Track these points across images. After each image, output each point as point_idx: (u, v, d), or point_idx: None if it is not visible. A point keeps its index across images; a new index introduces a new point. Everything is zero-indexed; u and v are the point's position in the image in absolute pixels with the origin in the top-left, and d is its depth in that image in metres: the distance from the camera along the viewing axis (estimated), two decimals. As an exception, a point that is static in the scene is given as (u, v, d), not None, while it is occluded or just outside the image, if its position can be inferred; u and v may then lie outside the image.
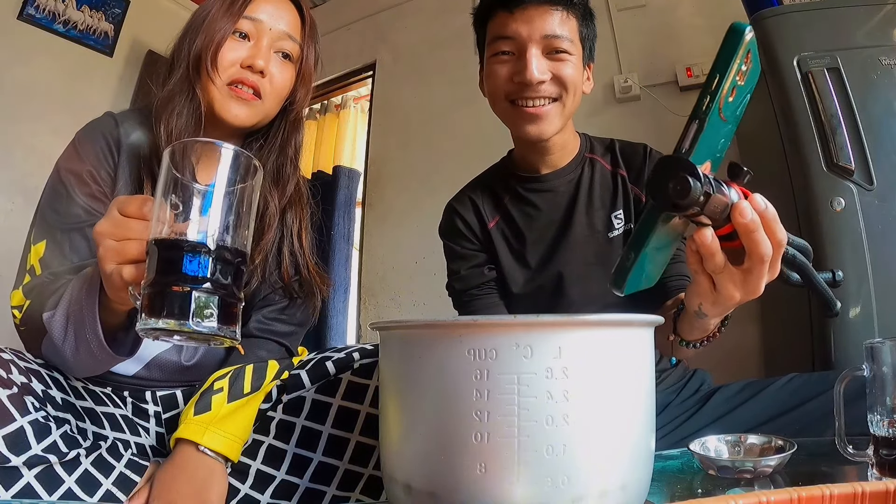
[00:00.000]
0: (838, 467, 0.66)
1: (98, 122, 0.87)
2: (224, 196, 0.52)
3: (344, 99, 3.04)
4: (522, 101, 0.91)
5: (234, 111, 0.83)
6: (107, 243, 0.56)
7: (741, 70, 0.47)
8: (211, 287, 0.50)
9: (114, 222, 0.57)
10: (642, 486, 0.51)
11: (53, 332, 0.67)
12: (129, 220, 0.56)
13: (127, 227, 0.56)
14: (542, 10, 0.88)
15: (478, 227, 1.06)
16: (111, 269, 0.55)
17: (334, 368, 0.76)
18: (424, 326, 0.50)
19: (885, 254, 1.25)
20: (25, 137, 2.09)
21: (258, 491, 0.72)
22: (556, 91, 0.91)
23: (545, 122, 0.91)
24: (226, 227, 0.51)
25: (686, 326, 0.71)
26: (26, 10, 2.23)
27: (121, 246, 0.55)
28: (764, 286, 0.58)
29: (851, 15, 1.40)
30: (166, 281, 0.49)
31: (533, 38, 0.89)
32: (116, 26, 2.49)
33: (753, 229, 0.52)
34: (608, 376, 0.48)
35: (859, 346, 0.64)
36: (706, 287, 0.59)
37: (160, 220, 0.51)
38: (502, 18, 0.92)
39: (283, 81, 0.87)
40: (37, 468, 0.64)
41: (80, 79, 2.36)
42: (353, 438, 0.73)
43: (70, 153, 0.84)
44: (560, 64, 0.90)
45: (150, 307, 0.50)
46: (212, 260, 0.50)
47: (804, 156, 1.32)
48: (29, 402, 0.65)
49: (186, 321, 0.49)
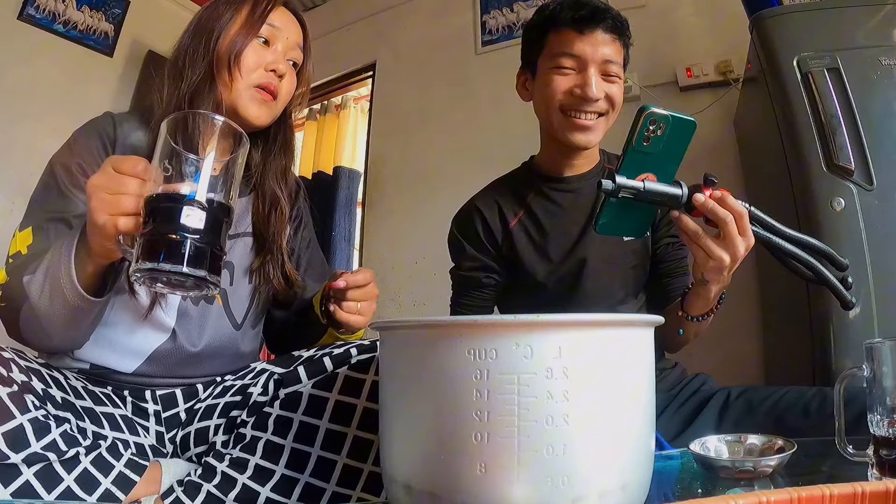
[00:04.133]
0: (838, 467, 0.66)
1: (96, 120, 0.87)
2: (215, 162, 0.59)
3: (344, 99, 3.04)
4: (576, 114, 1.02)
5: (255, 112, 0.87)
6: (100, 195, 0.59)
7: (649, 129, 0.70)
8: (203, 238, 0.57)
9: (108, 177, 0.60)
10: (642, 486, 0.51)
11: (31, 290, 0.70)
12: (123, 176, 0.59)
13: (121, 183, 0.59)
14: (606, 36, 1.01)
15: (499, 229, 1.12)
16: (104, 219, 0.59)
17: (332, 364, 0.76)
18: (424, 326, 0.50)
19: (885, 254, 1.24)
20: (25, 137, 2.10)
21: (258, 483, 0.72)
22: (606, 107, 1.03)
23: (593, 133, 1.03)
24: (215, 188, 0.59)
25: (693, 301, 0.89)
26: (26, 11, 2.24)
27: (115, 198, 0.59)
28: (743, 248, 0.76)
29: (851, 15, 1.40)
30: (164, 230, 0.56)
31: (595, 60, 1.00)
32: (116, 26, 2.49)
33: (710, 207, 0.75)
34: (608, 376, 0.48)
35: (859, 347, 0.64)
36: (702, 255, 0.78)
37: (155, 181, 0.57)
38: (570, 36, 1.01)
39: (292, 86, 0.93)
40: (36, 466, 0.64)
41: (80, 79, 2.36)
42: (351, 433, 0.73)
43: (64, 148, 0.85)
44: (612, 85, 1.02)
45: (148, 252, 0.56)
46: (205, 214, 0.57)
47: (804, 156, 1.32)
48: (29, 400, 0.65)
49: (181, 265, 0.55)
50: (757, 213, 0.79)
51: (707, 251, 0.77)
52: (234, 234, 0.93)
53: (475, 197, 1.17)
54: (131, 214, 0.59)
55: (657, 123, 0.70)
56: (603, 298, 1.08)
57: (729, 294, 0.93)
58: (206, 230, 0.57)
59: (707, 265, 0.78)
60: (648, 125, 0.70)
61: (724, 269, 0.78)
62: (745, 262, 0.80)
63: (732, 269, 0.79)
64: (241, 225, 0.94)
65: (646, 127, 0.70)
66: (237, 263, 0.93)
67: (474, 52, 2.48)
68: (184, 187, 0.57)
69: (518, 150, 1.21)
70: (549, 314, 0.46)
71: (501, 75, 1.21)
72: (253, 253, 0.95)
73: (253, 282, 0.94)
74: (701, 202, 0.74)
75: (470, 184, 1.22)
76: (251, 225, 0.95)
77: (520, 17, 2.40)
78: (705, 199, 0.74)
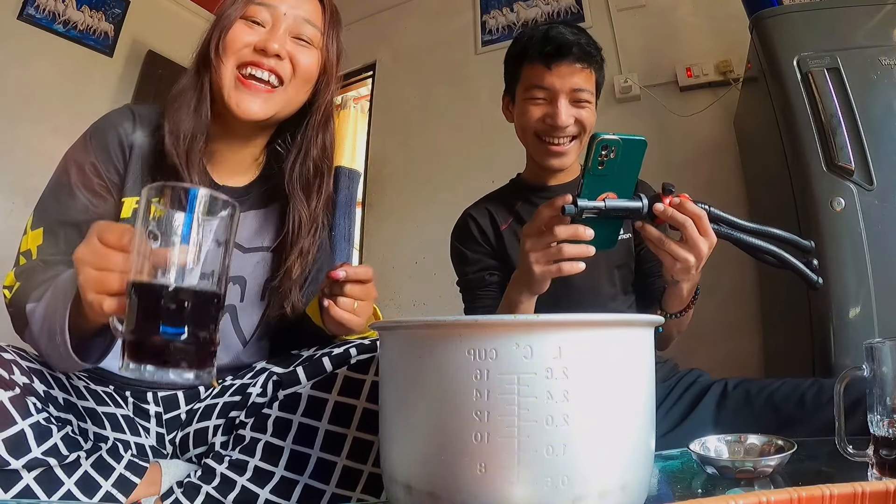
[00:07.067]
0: (838, 467, 0.66)
1: (114, 115, 0.83)
2: (199, 240, 0.52)
3: (344, 99, 3.04)
4: (549, 139, 1.10)
5: (243, 105, 0.79)
6: (87, 272, 0.56)
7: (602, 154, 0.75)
8: (188, 339, 0.52)
9: (93, 251, 0.56)
10: (642, 486, 0.51)
11: (33, 324, 0.68)
12: (109, 250, 0.56)
13: (107, 259, 0.56)
14: (573, 68, 1.07)
15: (491, 232, 1.17)
16: (91, 297, 0.56)
17: (331, 364, 0.75)
18: (424, 326, 0.50)
19: (885, 254, 1.24)
20: (25, 137, 2.09)
21: (257, 486, 0.72)
22: (577, 130, 1.10)
23: (566, 156, 1.11)
24: (202, 273, 0.53)
25: (668, 300, 0.95)
26: (26, 11, 2.23)
27: (101, 277, 0.56)
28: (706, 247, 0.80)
29: (851, 15, 1.40)
30: (147, 329, 0.52)
31: (563, 91, 1.07)
32: (116, 26, 2.49)
33: (669, 214, 0.79)
34: (608, 376, 0.48)
35: (859, 347, 0.64)
36: (669, 259, 0.82)
37: (140, 254, 0.52)
38: (539, 70, 1.08)
39: (308, 65, 0.83)
40: (36, 471, 0.64)
41: (80, 79, 2.36)
42: (351, 434, 0.72)
43: (80, 144, 0.81)
44: (581, 110, 1.09)
45: (133, 353, 0.52)
46: (191, 305, 0.52)
47: (804, 156, 1.32)
48: (31, 403, 0.65)
49: (166, 371, 0.52)
50: (716, 212, 0.83)
51: (673, 254, 0.81)
52: (249, 249, 0.89)
53: (468, 208, 1.23)
54: (117, 294, 0.55)
55: (609, 148, 0.75)
56: (594, 296, 1.12)
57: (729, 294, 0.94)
58: (191, 325, 0.52)
59: (675, 267, 0.83)
60: (601, 150, 0.75)
61: (690, 268, 0.82)
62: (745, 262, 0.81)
63: (699, 267, 0.83)
64: (257, 240, 0.89)
65: (598, 153, 0.75)
66: (250, 279, 0.89)
67: (474, 52, 2.48)
68: (167, 274, 0.51)
69: (517, 150, 1.21)
70: (549, 314, 0.46)
71: (501, 75, 1.21)
72: (269, 270, 0.89)
73: (265, 300, 0.90)
74: (661, 210, 0.79)
75: (470, 184, 1.23)
76: (271, 240, 0.90)
77: (520, 17, 2.40)
78: (664, 207, 0.79)
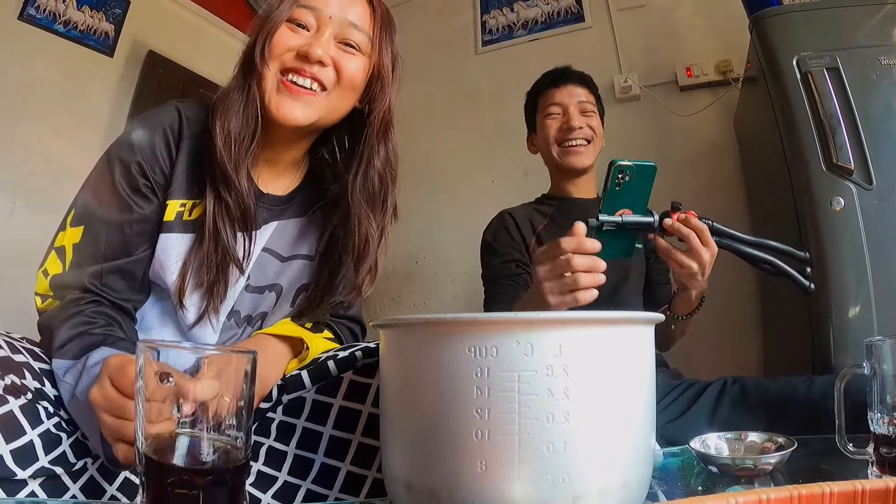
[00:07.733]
0: (838, 465, 0.66)
1: (160, 113, 0.80)
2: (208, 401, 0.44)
3: (344, 99, 3.03)
4: (568, 143, 1.35)
5: (283, 109, 0.76)
6: (104, 418, 0.57)
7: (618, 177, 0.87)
8: None
9: (107, 397, 0.57)
10: (642, 484, 0.51)
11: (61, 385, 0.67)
12: (123, 398, 0.56)
13: (122, 407, 0.56)
14: (577, 87, 1.39)
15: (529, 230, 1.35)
16: (111, 441, 0.57)
17: (336, 368, 0.73)
18: (425, 324, 0.50)
19: (885, 254, 1.24)
20: (25, 137, 2.09)
21: (259, 490, 0.72)
22: (589, 134, 1.35)
23: (585, 156, 1.35)
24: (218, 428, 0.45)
25: (678, 304, 1.09)
26: (27, 11, 2.23)
27: (118, 424, 0.56)
28: (707, 256, 0.92)
29: (851, 15, 1.40)
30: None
31: (572, 102, 1.37)
32: (117, 26, 2.49)
33: (676, 228, 0.91)
34: (609, 374, 0.48)
35: (859, 347, 0.64)
36: (676, 266, 0.95)
37: (153, 401, 0.44)
38: (551, 92, 1.40)
39: (353, 72, 0.81)
40: (42, 478, 0.64)
41: (80, 79, 2.35)
42: (355, 439, 0.71)
43: (125, 141, 0.78)
44: (589, 118, 1.37)
45: None
46: (202, 488, 0.44)
47: (804, 156, 1.32)
48: (42, 409, 0.65)
49: None
50: (717, 226, 0.94)
51: (679, 262, 0.93)
52: (287, 257, 0.87)
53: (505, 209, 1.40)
54: (133, 443, 0.48)
55: (624, 172, 0.87)
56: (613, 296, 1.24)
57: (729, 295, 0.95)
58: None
59: (681, 273, 0.96)
60: (618, 174, 0.87)
61: (695, 274, 0.94)
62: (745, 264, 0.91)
63: (704, 274, 0.95)
64: (296, 248, 0.88)
65: (615, 175, 0.87)
66: (286, 287, 0.88)
67: (474, 52, 2.48)
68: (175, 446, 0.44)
69: (517, 150, 1.21)
70: (550, 311, 0.46)
71: (501, 75, 1.21)
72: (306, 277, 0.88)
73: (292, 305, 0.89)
74: (669, 224, 0.92)
75: (470, 184, 1.22)
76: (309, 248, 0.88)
77: (520, 17, 2.40)
78: (672, 221, 0.92)
